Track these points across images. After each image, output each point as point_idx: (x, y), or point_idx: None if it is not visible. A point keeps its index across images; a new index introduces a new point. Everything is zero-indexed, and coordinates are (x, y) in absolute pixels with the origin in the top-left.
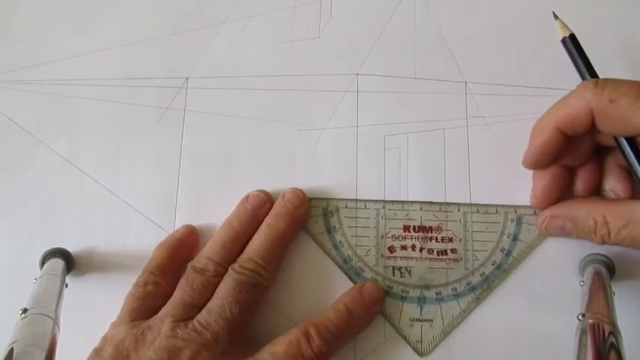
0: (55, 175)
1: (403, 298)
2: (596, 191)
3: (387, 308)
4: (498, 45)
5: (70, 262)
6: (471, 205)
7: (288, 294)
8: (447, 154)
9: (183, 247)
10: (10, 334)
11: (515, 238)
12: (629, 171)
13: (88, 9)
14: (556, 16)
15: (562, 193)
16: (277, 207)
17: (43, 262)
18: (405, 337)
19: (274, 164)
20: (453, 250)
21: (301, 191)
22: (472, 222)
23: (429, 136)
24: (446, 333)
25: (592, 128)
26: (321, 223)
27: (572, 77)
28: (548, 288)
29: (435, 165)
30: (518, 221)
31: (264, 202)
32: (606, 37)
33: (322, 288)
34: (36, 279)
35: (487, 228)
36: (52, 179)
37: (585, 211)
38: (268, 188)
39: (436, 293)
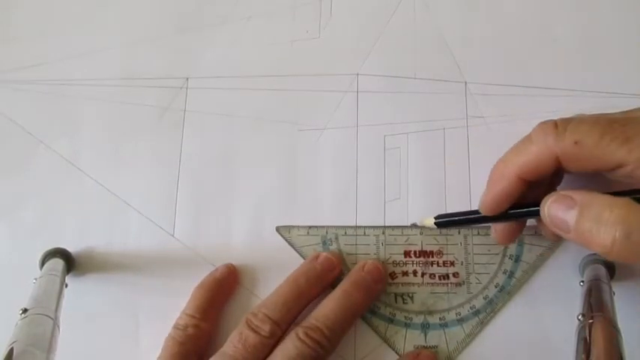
0: (55, 175)
1: (407, 325)
2: None
3: (391, 336)
4: (498, 45)
5: (70, 262)
6: (471, 227)
7: None
8: (447, 154)
9: (223, 287)
10: (10, 334)
11: (517, 260)
12: None
13: (88, 9)
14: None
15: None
16: (355, 276)
17: (43, 262)
18: None
19: (274, 164)
20: (455, 274)
21: (382, 265)
22: (473, 244)
23: (429, 136)
24: (451, 359)
25: (557, 172)
26: (319, 252)
27: (572, 77)
28: (548, 288)
29: (435, 165)
30: (520, 242)
31: (334, 266)
32: (606, 37)
33: None
34: (36, 279)
35: (489, 250)
36: (52, 179)
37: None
38: (268, 188)
39: (440, 319)
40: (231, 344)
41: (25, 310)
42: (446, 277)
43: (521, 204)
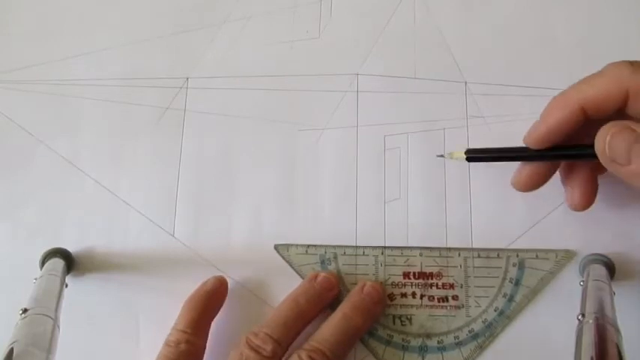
0: (55, 175)
1: (404, 348)
2: None
3: (389, 358)
4: (498, 45)
5: (70, 262)
6: (471, 249)
7: None
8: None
9: (214, 299)
10: (10, 334)
11: (517, 283)
12: None
13: (89, 9)
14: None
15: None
16: (355, 299)
17: (43, 262)
18: None
19: (274, 164)
20: (454, 297)
21: (381, 286)
22: (473, 267)
23: (429, 136)
24: None
25: (618, 112)
26: (318, 271)
27: (572, 77)
28: (549, 288)
29: (435, 165)
30: (520, 265)
31: (332, 286)
32: (606, 37)
33: None
34: (36, 279)
35: (489, 273)
36: (52, 179)
37: None
38: (268, 188)
39: (438, 342)
40: None
41: (25, 310)
42: (445, 299)
43: (564, 146)
